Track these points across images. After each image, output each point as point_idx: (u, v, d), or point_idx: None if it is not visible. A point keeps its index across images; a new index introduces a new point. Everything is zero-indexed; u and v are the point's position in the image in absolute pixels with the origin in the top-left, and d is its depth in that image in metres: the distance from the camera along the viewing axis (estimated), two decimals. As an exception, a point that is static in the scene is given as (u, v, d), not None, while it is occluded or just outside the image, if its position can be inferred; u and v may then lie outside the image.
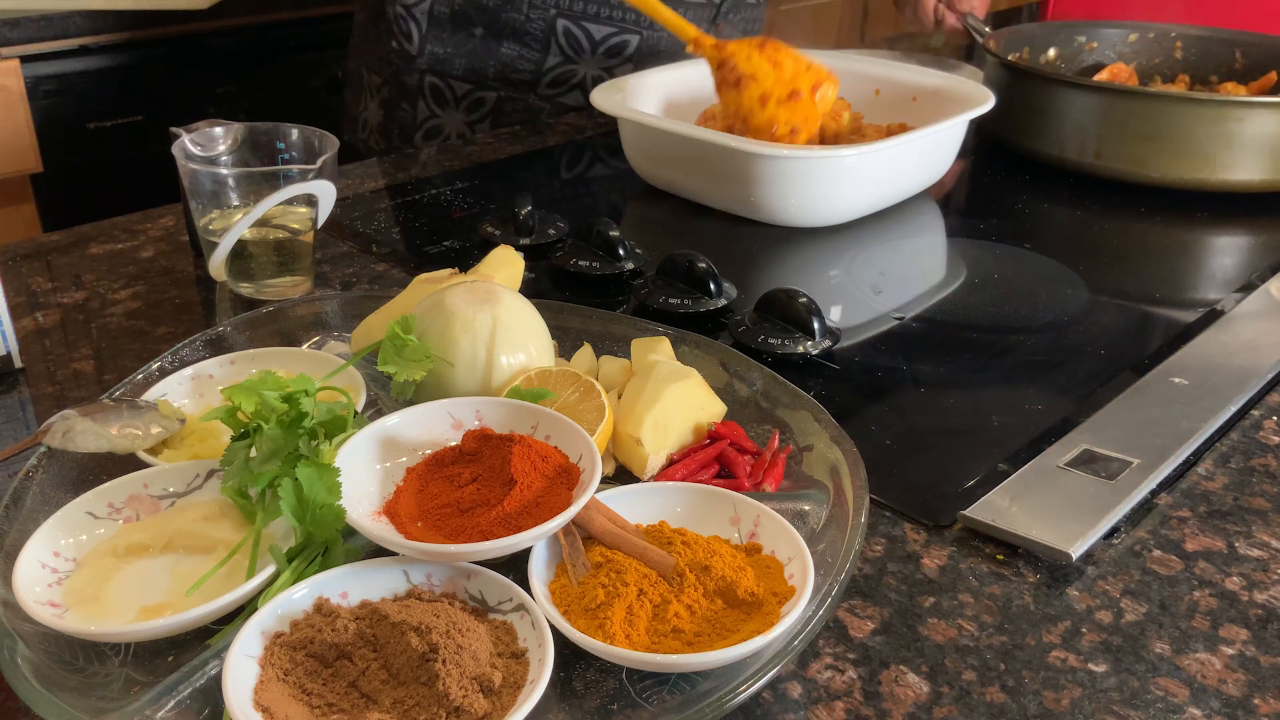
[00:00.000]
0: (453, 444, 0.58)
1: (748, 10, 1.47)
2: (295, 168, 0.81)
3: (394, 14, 1.35)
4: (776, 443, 0.64)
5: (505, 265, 0.79)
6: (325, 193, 0.83)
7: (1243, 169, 1.08)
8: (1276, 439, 0.72)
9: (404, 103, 1.39)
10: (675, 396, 0.64)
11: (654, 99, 1.16)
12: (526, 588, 0.51)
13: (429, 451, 0.58)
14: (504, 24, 1.33)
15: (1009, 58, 1.28)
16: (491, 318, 0.64)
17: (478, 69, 1.36)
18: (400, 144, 1.41)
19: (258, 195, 0.81)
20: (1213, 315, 0.87)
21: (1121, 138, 1.11)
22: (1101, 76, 1.26)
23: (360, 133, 1.48)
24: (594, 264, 0.90)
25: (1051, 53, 1.38)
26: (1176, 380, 0.76)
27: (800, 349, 0.77)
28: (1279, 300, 0.90)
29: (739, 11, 1.45)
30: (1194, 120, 1.07)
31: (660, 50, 1.38)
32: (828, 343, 0.78)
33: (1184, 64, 1.34)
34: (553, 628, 0.49)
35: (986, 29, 1.41)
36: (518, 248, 0.87)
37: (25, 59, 1.77)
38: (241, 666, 0.47)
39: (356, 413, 0.61)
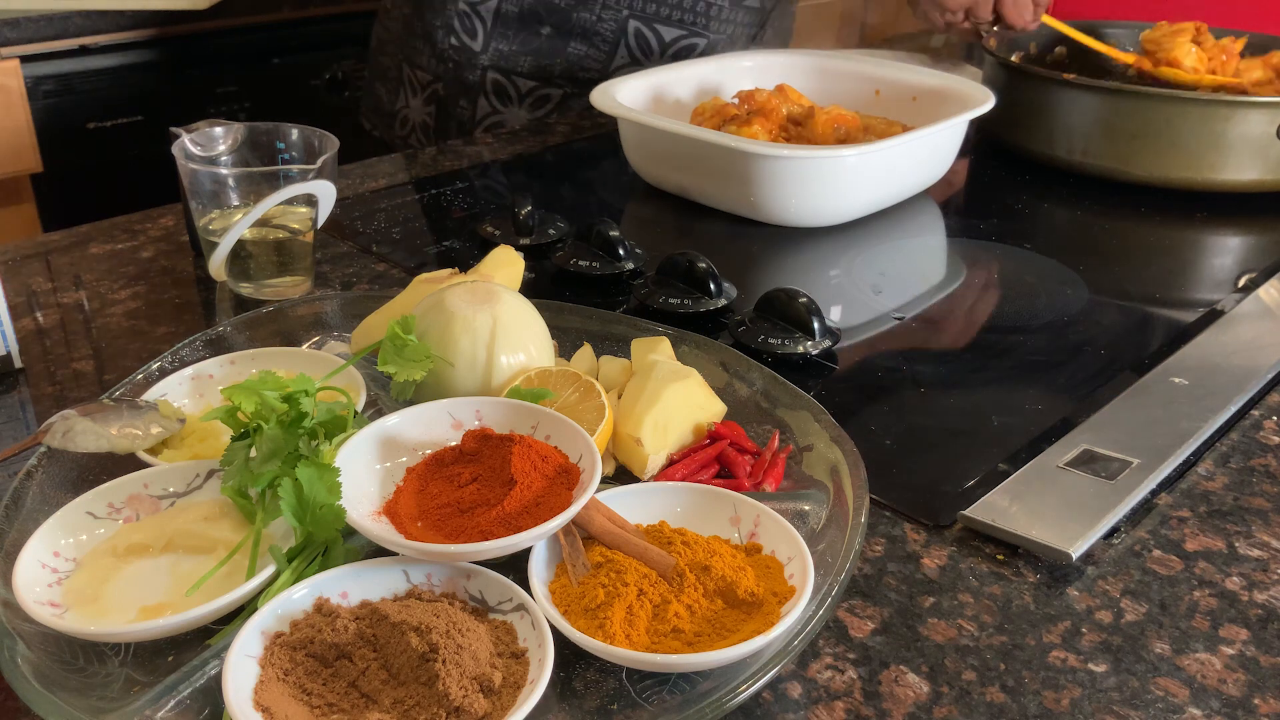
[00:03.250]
0: (453, 444, 0.58)
1: (787, 19, 1.48)
2: (295, 168, 0.81)
3: (456, 11, 1.34)
4: (776, 443, 0.64)
5: (505, 265, 0.79)
6: (325, 193, 0.83)
7: (1241, 168, 1.08)
8: (1276, 439, 0.72)
9: (462, 100, 1.38)
10: (675, 396, 0.64)
11: (650, 99, 1.16)
12: (526, 588, 0.51)
13: (429, 451, 0.58)
14: (574, 24, 1.33)
15: (1012, 58, 1.28)
16: (491, 318, 0.64)
17: (544, 66, 1.35)
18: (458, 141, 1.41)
19: (258, 195, 0.81)
20: (1213, 315, 0.87)
21: (1119, 137, 1.11)
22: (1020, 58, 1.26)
23: (399, 130, 1.46)
24: (594, 264, 0.90)
25: (1060, 50, 1.38)
26: (1176, 380, 0.76)
27: (800, 349, 0.77)
28: (1279, 300, 0.90)
29: (782, 20, 1.46)
30: (1192, 120, 1.07)
31: (718, 53, 1.38)
32: (828, 343, 0.78)
33: None
34: (553, 628, 0.49)
35: (994, 27, 1.41)
36: (518, 248, 0.87)
37: (25, 59, 1.77)
38: (241, 666, 0.47)
39: (356, 413, 0.61)
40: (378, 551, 0.53)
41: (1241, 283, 0.94)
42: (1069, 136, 1.14)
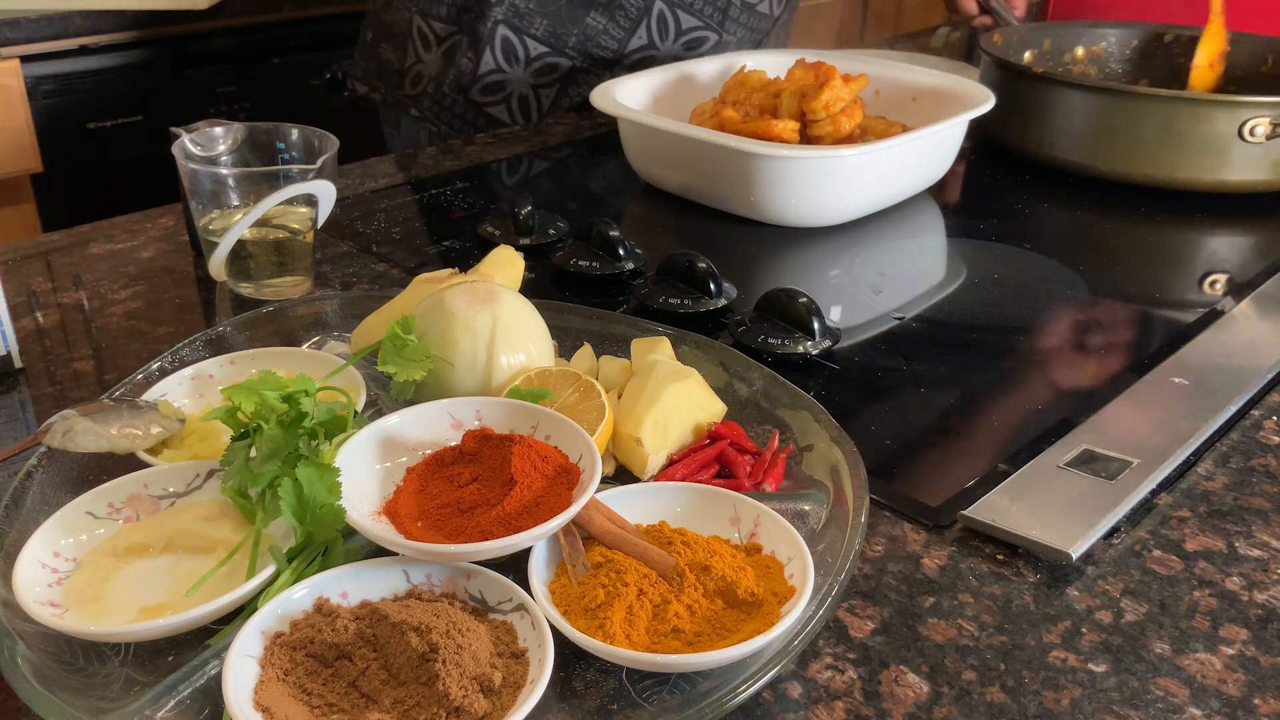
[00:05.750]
0: (453, 444, 0.58)
1: (755, 19, 1.48)
2: (295, 168, 0.81)
3: None
4: (776, 443, 0.64)
5: (505, 265, 0.79)
6: (325, 193, 0.83)
7: (1241, 169, 1.08)
8: (1276, 439, 0.72)
9: (469, 51, 1.33)
10: (675, 396, 0.64)
11: (649, 99, 1.16)
12: (526, 588, 0.51)
13: (429, 451, 0.58)
14: None
15: (1024, 57, 1.28)
16: (491, 318, 0.64)
17: (558, 33, 1.32)
18: (452, 94, 1.35)
19: (258, 195, 0.81)
20: (1213, 315, 0.87)
21: (1117, 138, 1.10)
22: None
23: (409, 89, 1.40)
24: (594, 264, 0.90)
25: (1079, 51, 1.37)
26: (1176, 380, 0.76)
27: (800, 349, 0.77)
28: (1279, 300, 0.90)
29: (748, 14, 1.46)
30: (1190, 120, 1.07)
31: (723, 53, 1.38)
32: (828, 343, 0.78)
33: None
34: (553, 628, 0.49)
35: (1015, 19, 1.42)
36: (518, 248, 0.87)
37: (25, 59, 1.77)
38: (241, 666, 0.47)
39: (356, 413, 0.61)
40: (378, 551, 0.53)
41: (1241, 283, 0.94)
42: (1066, 137, 1.14)
